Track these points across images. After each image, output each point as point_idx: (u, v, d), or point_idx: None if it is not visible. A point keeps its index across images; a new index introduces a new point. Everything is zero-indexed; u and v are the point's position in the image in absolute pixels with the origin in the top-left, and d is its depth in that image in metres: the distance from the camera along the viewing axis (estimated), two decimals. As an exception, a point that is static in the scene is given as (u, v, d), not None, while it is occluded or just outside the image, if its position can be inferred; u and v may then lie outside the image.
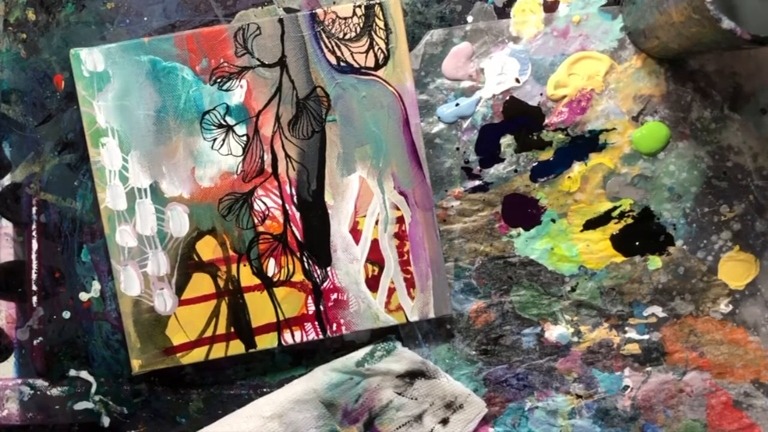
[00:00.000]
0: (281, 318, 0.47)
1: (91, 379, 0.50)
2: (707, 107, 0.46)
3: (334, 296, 0.48)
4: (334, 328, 0.48)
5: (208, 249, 0.47)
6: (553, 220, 0.48)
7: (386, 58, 0.46)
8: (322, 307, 0.47)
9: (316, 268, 0.47)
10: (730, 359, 0.48)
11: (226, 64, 0.47)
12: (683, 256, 0.47)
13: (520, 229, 0.48)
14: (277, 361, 0.49)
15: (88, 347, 0.49)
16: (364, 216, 0.47)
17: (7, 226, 0.49)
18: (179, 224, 0.47)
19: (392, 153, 0.47)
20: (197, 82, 0.47)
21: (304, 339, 0.48)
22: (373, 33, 0.46)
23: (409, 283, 0.47)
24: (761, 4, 0.40)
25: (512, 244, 0.48)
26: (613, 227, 0.47)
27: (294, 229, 0.47)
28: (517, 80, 0.47)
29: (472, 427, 0.48)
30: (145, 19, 0.48)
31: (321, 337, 0.48)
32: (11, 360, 0.50)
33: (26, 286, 0.49)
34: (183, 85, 0.47)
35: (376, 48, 0.46)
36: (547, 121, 0.47)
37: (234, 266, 0.47)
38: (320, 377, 0.47)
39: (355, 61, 0.46)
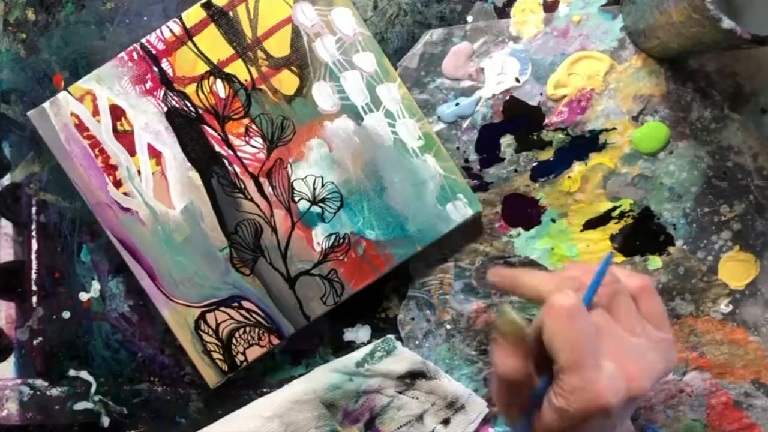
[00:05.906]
0: None
1: (90, 379, 0.50)
2: (707, 107, 0.46)
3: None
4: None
5: None
6: (553, 220, 0.47)
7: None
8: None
9: None
10: (730, 359, 0.48)
11: None
12: (683, 256, 0.47)
13: (520, 229, 0.48)
14: (277, 361, 0.49)
15: (88, 347, 0.49)
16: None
17: (6, 226, 0.49)
18: None
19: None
20: None
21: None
22: None
23: None
24: (761, 4, 0.40)
25: (512, 244, 0.48)
26: (613, 227, 0.47)
27: None
28: (517, 80, 0.47)
29: (473, 427, 0.47)
30: (145, 19, 0.48)
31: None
32: (11, 360, 0.50)
33: (26, 286, 0.49)
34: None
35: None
36: (547, 120, 0.47)
37: None
38: (320, 378, 0.47)
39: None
